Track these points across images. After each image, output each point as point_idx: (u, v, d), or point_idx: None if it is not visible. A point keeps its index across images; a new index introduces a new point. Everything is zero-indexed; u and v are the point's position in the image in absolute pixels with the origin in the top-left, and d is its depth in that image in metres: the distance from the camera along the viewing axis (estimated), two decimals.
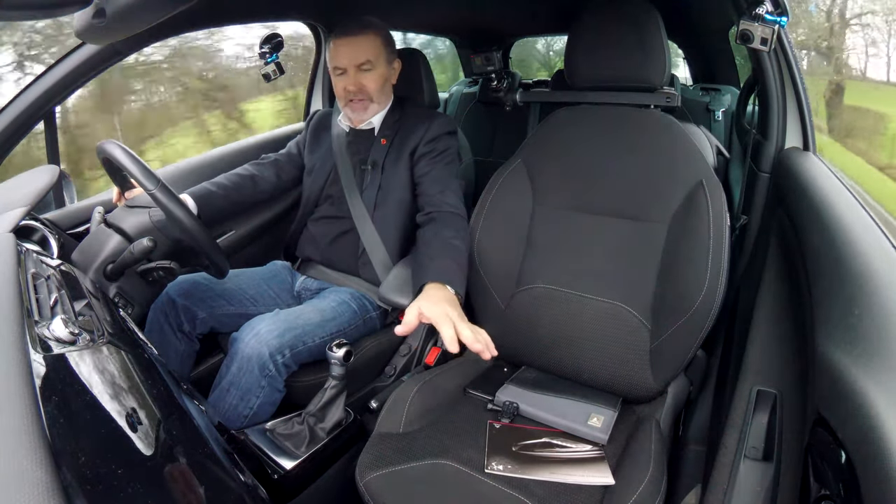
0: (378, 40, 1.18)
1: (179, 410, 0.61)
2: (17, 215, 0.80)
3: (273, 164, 1.35)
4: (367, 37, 1.16)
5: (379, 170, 1.23)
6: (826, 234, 0.70)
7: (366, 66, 1.17)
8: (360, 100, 1.20)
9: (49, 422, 0.40)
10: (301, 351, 1.04)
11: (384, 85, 1.21)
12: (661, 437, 0.90)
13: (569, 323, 1.04)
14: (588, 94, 1.14)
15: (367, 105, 1.21)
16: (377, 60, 1.18)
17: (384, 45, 1.19)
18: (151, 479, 0.46)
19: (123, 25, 0.59)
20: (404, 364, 1.23)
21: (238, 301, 1.20)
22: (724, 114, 2.07)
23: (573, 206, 1.09)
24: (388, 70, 1.22)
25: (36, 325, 0.56)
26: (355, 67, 1.17)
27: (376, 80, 1.19)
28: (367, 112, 1.22)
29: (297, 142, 1.39)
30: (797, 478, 0.56)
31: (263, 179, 1.31)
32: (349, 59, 1.16)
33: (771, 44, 0.90)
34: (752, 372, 0.76)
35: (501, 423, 0.96)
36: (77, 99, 2.76)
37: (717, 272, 0.91)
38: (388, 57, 1.21)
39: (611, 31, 1.05)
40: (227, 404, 1.00)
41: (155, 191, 0.93)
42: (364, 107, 1.21)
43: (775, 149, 1.08)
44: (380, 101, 1.22)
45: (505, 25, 2.36)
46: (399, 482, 0.82)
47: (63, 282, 0.73)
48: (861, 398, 0.44)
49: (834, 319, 0.56)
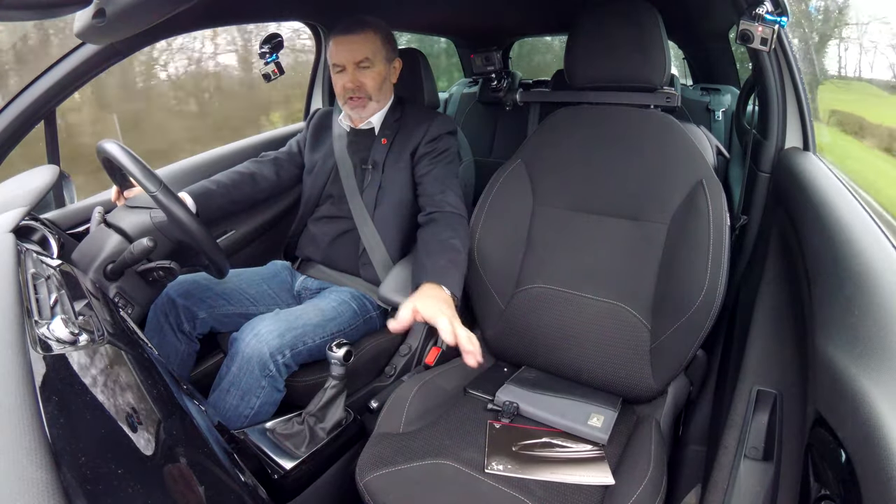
0: (377, 38, 1.18)
1: (179, 410, 0.61)
2: (17, 215, 0.80)
3: (273, 162, 1.35)
4: (366, 35, 1.17)
5: (379, 169, 1.23)
6: (826, 234, 0.70)
7: (364, 63, 1.17)
8: (359, 97, 1.19)
9: (49, 422, 0.40)
10: (301, 351, 1.04)
11: (383, 83, 1.21)
12: (661, 437, 0.90)
13: (569, 323, 1.04)
14: (588, 94, 1.14)
15: (366, 103, 1.21)
16: (376, 58, 1.18)
17: (384, 44, 1.19)
18: (151, 479, 0.46)
19: (123, 25, 0.59)
20: (404, 364, 1.23)
21: (238, 301, 1.20)
22: (724, 114, 2.07)
23: (573, 206, 1.09)
24: (388, 69, 1.22)
25: (36, 325, 0.56)
26: (354, 65, 1.17)
27: (375, 79, 1.19)
28: (365, 110, 1.22)
29: (297, 140, 1.39)
30: (797, 478, 0.56)
31: (263, 177, 1.31)
32: (348, 56, 1.17)
33: (771, 44, 0.90)
34: (752, 372, 0.76)
35: (501, 423, 0.96)
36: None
37: (716, 272, 0.91)
38: (387, 55, 1.21)
39: (611, 31, 1.05)
40: (228, 404, 1.00)
41: (157, 193, 0.93)
42: (362, 104, 1.21)
43: (775, 149, 1.08)
44: (379, 100, 1.22)
45: (505, 25, 2.36)
46: (399, 482, 0.82)
47: (63, 282, 0.73)
48: (861, 398, 0.44)
49: (834, 319, 0.56)
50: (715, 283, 0.91)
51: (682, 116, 1.13)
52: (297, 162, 1.36)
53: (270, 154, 1.37)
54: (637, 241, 1.02)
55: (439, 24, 2.30)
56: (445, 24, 2.29)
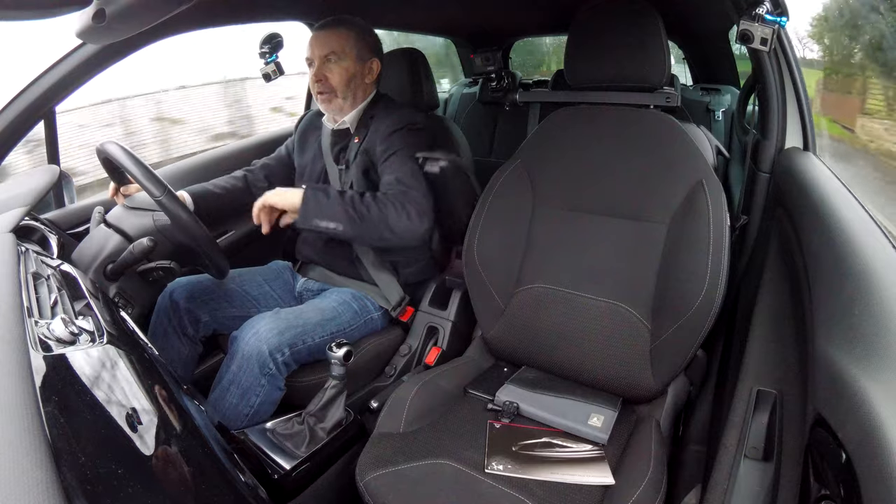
0: (349, 35, 1.17)
1: (179, 410, 0.61)
2: (17, 215, 0.80)
3: (263, 168, 1.36)
4: (336, 31, 1.16)
5: (351, 169, 1.22)
6: (826, 234, 0.70)
7: (330, 56, 1.16)
8: (325, 93, 1.18)
9: (49, 422, 0.40)
10: (301, 349, 1.04)
11: (350, 80, 1.18)
12: (661, 437, 0.90)
13: (569, 323, 1.04)
14: (588, 94, 1.14)
15: (332, 99, 1.18)
16: (343, 54, 1.16)
17: (356, 41, 1.18)
18: (151, 479, 0.46)
19: (123, 25, 0.59)
20: (404, 364, 1.23)
21: (240, 303, 1.20)
22: (724, 114, 2.07)
23: (573, 206, 1.09)
24: (359, 66, 1.19)
25: (36, 325, 0.56)
26: (320, 59, 1.16)
27: (340, 74, 1.16)
28: (331, 105, 1.20)
29: (286, 144, 1.39)
30: (797, 478, 0.56)
31: (254, 184, 1.32)
32: (315, 50, 1.17)
33: (771, 44, 0.90)
34: (752, 372, 0.76)
35: (501, 423, 0.96)
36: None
37: (716, 272, 0.91)
38: (359, 53, 1.18)
39: (611, 31, 1.05)
40: (228, 403, 1.00)
41: (162, 198, 0.94)
42: (328, 100, 1.18)
43: (775, 149, 1.08)
44: (346, 97, 1.19)
45: (505, 25, 2.36)
46: (399, 482, 0.82)
47: (63, 282, 0.73)
48: (861, 398, 0.44)
49: (834, 319, 0.56)
50: (715, 283, 0.91)
51: (682, 116, 1.13)
52: (286, 165, 1.36)
53: (260, 161, 1.37)
54: (637, 241, 1.02)
55: (439, 24, 2.30)
56: (445, 24, 2.29)
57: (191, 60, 3.96)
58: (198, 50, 3.80)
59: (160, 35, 1.17)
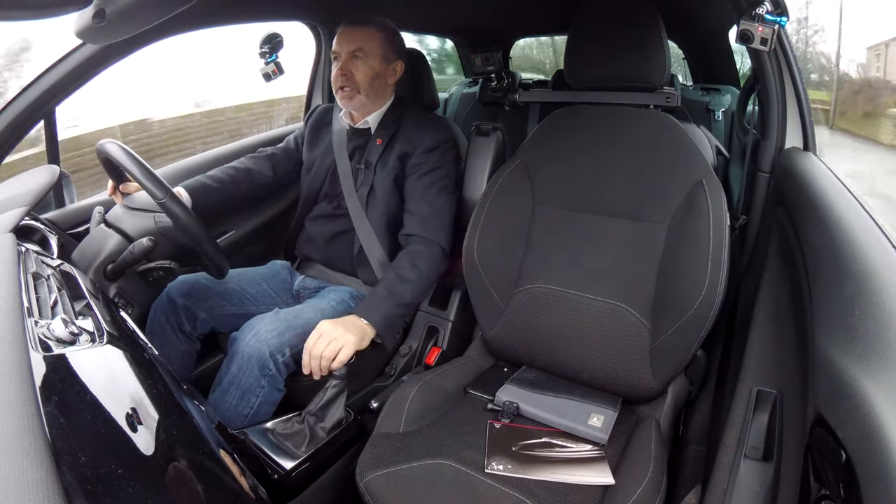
0: (378, 35, 1.18)
1: (179, 410, 0.61)
2: (17, 215, 0.80)
3: (269, 157, 1.35)
4: (366, 29, 1.18)
5: (372, 170, 1.22)
6: (826, 233, 0.70)
7: (357, 53, 1.17)
8: (348, 88, 1.18)
9: (49, 422, 0.40)
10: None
11: (374, 79, 1.19)
12: (661, 437, 0.90)
13: (569, 323, 1.04)
14: (588, 94, 1.14)
15: (354, 95, 1.18)
16: (370, 52, 1.17)
17: (383, 42, 1.19)
18: (151, 479, 0.46)
19: (123, 25, 0.59)
20: (404, 364, 1.23)
21: (238, 301, 1.20)
22: (724, 114, 2.07)
23: (573, 206, 1.09)
24: (384, 66, 1.20)
25: (36, 325, 0.56)
26: (347, 54, 1.17)
27: (365, 71, 1.17)
28: (353, 102, 1.20)
29: (295, 136, 1.39)
30: (797, 478, 0.56)
31: (259, 173, 1.31)
32: (343, 45, 1.17)
33: (771, 44, 0.90)
34: (752, 372, 0.76)
35: (501, 423, 0.96)
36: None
37: (716, 272, 0.91)
38: (385, 54, 1.20)
39: (610, 30, 1.05)
40: (228, 404, 1.00)
41: (165, 200, 0.93)
42: (349, 96, 1.18)
43: (775, 149, 1.08)
44: (369, 96, 1.20)
45: (505, 25, 2.36)
46: (399, 482, 0.82)
47: (63, 282, 0.73)
48: (861, 398, 0.44)
49: (834, 319, 0.56)
50: (715, 283, 0.91)
51: (682, 116, 1.13)
52: (294, 158, 1.36)
53: (267, 150, 1.36)
54: (637, 241, 1.01)
55: (439, 24, 2.30)
56: (445, 24, 2.29)
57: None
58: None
59: (160, 35, 1.17)
